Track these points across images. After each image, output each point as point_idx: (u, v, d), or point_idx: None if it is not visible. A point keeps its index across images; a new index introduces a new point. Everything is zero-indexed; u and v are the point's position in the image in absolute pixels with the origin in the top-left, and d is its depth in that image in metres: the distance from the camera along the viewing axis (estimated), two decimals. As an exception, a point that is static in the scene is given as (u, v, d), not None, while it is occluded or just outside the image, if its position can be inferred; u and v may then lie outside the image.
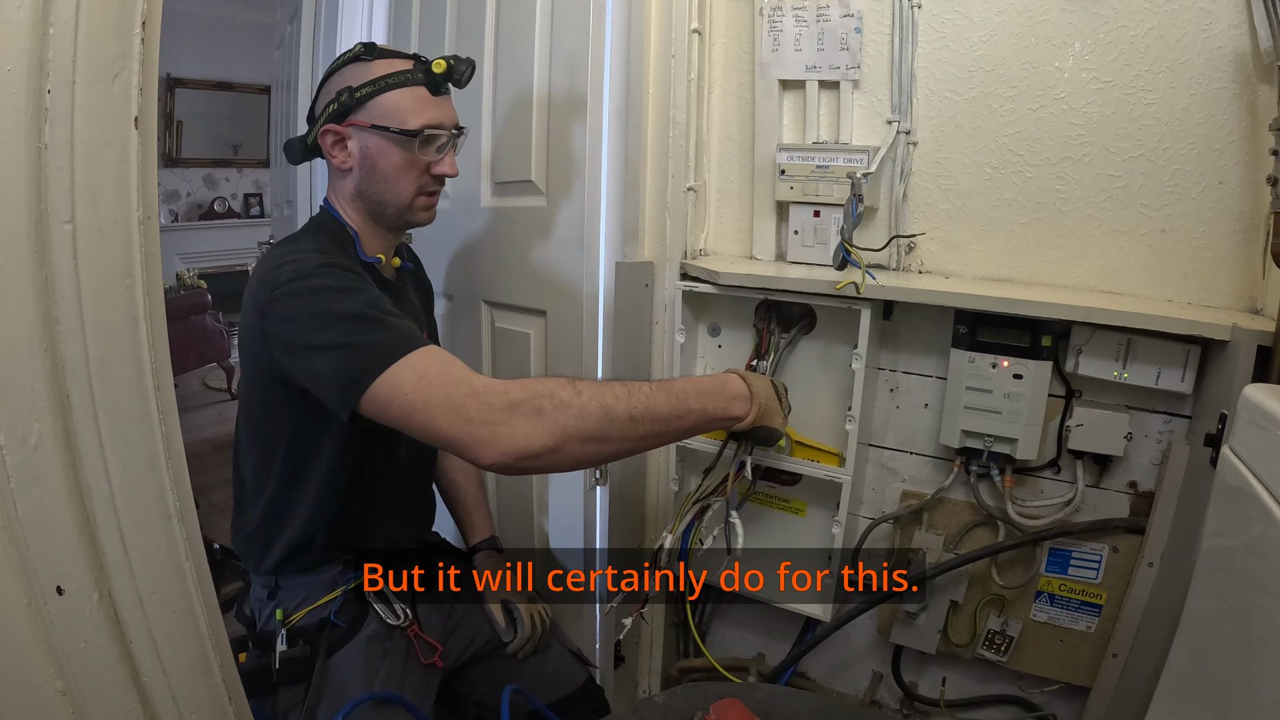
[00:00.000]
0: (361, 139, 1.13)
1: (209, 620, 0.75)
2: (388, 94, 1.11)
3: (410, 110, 1.12)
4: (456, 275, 1.79)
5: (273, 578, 1.18)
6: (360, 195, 1.17)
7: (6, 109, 0.54)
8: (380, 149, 1.13)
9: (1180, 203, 1.22)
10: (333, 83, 1.15)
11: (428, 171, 1.17)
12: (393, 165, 1.14)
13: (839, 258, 1.21)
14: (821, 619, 1.45)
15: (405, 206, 1.18)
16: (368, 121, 1.12)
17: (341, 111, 1.12)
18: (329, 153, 1.15)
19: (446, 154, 1.19)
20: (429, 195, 1.21)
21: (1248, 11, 1.13)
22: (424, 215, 1.22)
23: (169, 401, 0.69)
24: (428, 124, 1.13)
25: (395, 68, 1.13)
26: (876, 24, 1.36)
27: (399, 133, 1.12)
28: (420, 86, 1.13)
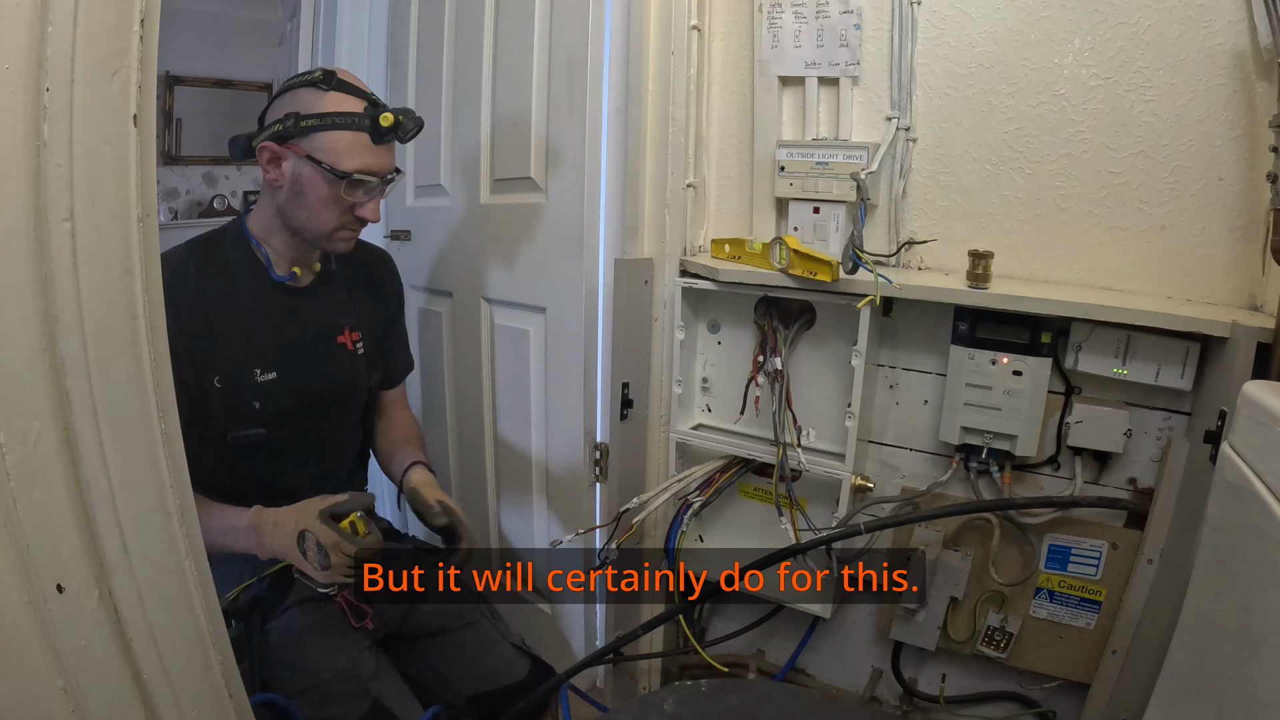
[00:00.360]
0: (296, 164, 1.16)
1: (209, 618, 0.76)
2: (331, 132, 1.14)
3: (347, 152, 1.15)
4: (456, 272, 1.79)
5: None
6: (283, 213, 1.21)
7: (5, 107, 0.54)
8: (310, 179, 1.16)
9: (1180, 199, 1.22)
10: (284, 101, 1.17)
11: (351, 211, 1.20)
12: (318, 198, 1.17)
13: (850, 262, 1.20)
14: (822, 616, 1.45)
15: (324, 235, 1.22)
16: (305, 150, 1.15)
17: (284, 134, 1.15)
18: (263, 166, 1.19)
19: (373, 199, 1.21)
20: (350, 230, 1.24)
21: (1247, 8, 1.12)
22: (342, 245, 1.26)
23: (168, 399, 0.69)
24: (360, 169, 1.16)
25: (346, 106, 1.15)
26: (876, 20, 1.35)
27: (330, 171, 1.14)
28: (364, 132, 1.15)
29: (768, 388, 1.43)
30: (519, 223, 1.60)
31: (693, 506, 1.50)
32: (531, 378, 1.65)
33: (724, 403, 1.56)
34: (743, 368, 1.49)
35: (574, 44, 1.41)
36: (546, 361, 1.61)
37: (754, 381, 1.45)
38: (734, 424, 1.53)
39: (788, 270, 1.31)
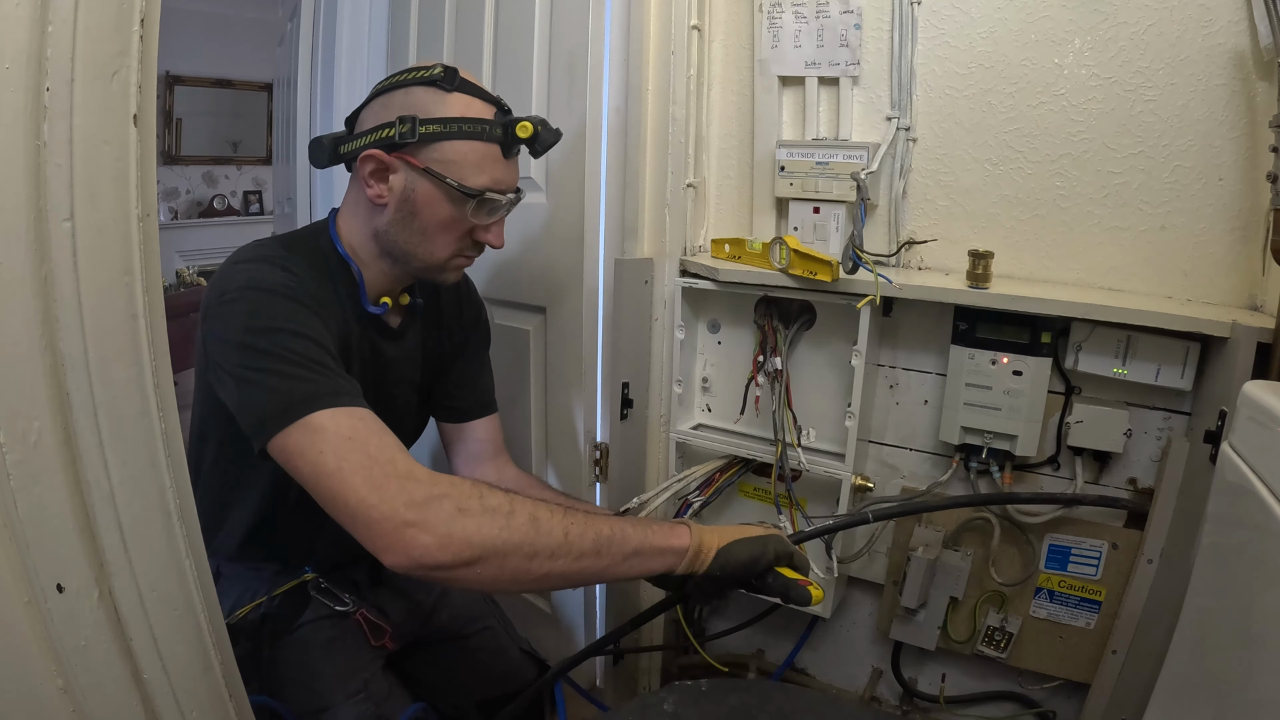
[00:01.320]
0: (409, 178, 0.99)
1: (209, 618, 0.76)
2: (457, 142, 0.98)
3: (475, 166, 0.99)
4: (456, 272, 1.79)
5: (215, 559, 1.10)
6: (385, 237, 1.04)
7: (5, 106, 0.54)
8: (428, 198, 1.00)
9: (1180, 199, 1.22)
10: (394, 100, 1.00)
11: (470, 235, 1.06)
12: (436, 219, 1.01)
13: (850, 262, 1.20)
14: (822, 615, 1.45)
15: (436, 265, 1.07)
16: (423, 163, 0.98)
17: (396, 141, 0.97)
18: (364, 180, 1.01)
19: (497, 221, 1.07)
20: (465, 258, 1.09)
21: (1247, 8, 1.12)
22: (452, 276, 1.11)
23: (168, 399, 0.69)
24: (491, 186, 1.01)
25: (474, 111, 1.00)
26: (876, 20, 1.35)
27: (457, 188, 0.99)
28: (494, 144, 1.00)
29: (768, 388, 1.43)
30: (519, 222, 1.60)
31: (693, 506, 1.50)
32: (531, 378, 1.65)
33: (724, 403, 1.56)
34: (743, 368, 1.49)
35: (574, 44, 1.41)
36: (546, 361, 1.61)
37: (754, 381, 1.45)
38: (734, 424, 1.53)
39: (788, 270, 1.31)
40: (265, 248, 1.01)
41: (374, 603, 1.23)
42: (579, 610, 1.61)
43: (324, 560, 1.20)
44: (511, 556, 0.81)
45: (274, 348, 0.87)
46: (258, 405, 0.85)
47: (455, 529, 0.79)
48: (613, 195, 1.43)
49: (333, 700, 1.10)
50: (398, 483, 0.79)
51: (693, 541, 0.93)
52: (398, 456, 0.82)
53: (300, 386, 0.85)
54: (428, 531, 0.78)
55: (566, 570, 0.85)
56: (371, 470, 0.80)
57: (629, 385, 1.48)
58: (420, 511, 0.78)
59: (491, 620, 1.38)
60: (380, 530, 0.78)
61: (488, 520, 0.81)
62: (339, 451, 0.81)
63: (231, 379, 0.88)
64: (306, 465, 0.82)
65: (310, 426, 0.82)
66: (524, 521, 0.83)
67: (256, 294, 0.91)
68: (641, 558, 0.90)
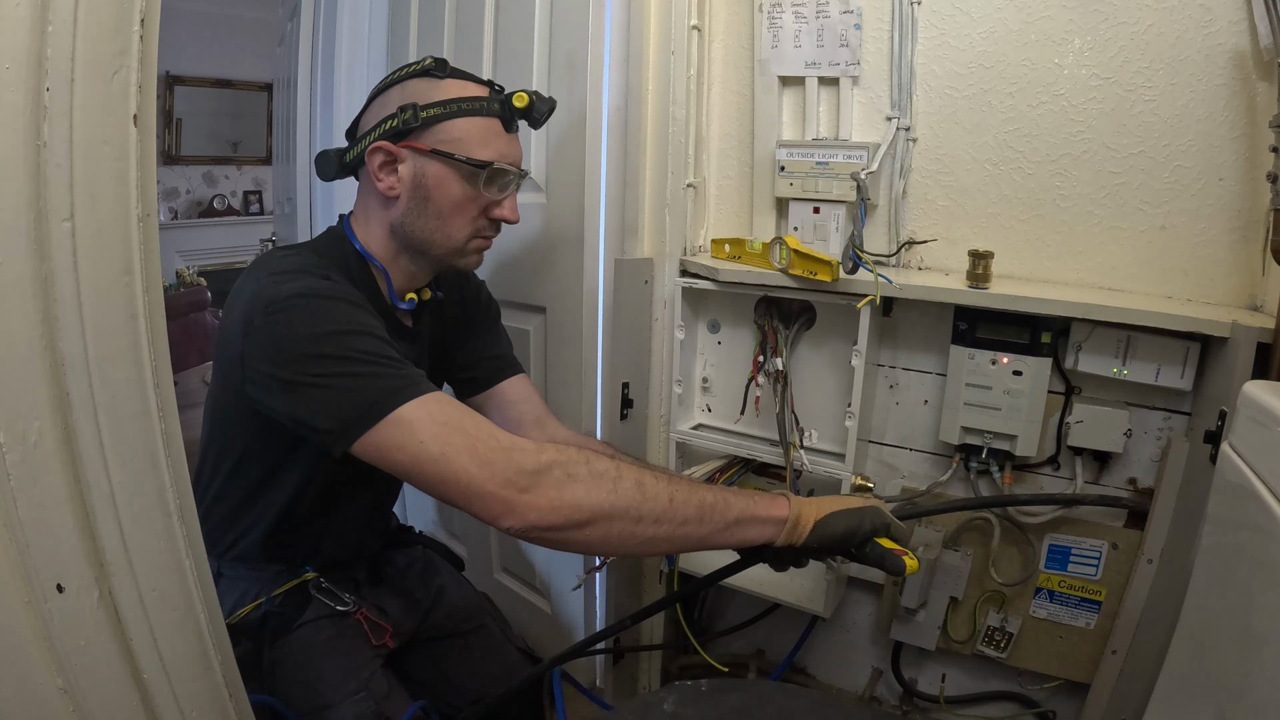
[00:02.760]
0: (418, 164, 1.01)
1: (209, 617, 0.75)
2: (459, 120, 1.00)
3: (480, 141, 1.01)
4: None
5: (216, 561, 1.12)
6: (402, 229, 1.05)
7: (5, 107, 0.54)
8: (439, 179, 1.02)
9: (1180, 199, 1.22)
10: (391, 96, 1.03)
11: (485, 213, 1.07)
12: (450, 200, 1.03)
13: (850, 262, 1.20)
14: (822, 615, 1.46)
15: (456, 249, 1.07)
16: (429, 145, 1.00)
17: (400, 130, 0.99)
18: (374, 174, 1.03)
19: (509, 195, 1.08)
20: (483, 239, 1.10)
21: (1247, 8, 1.12)
22: (474, 259, 1.11)
23: (169, 399, 0.69)
24: (498, 158, 1.03)
25: (469, 91, 1.02)
26: (876, 20, 1.35)
27: (466, 162, 1.00)
28: (495, 118, 1.03)
29: (768, 388, 1.43)
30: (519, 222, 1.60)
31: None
32: (531, 378, 1.65)
33: (724, 403, 1.56)
34: (743, 368, 1.49)
35: (574, 44, 1.40)
36: (546, 361, 1.61)
37: (754, 381, 1.45)
38: (734, 424, 1.53)
39: (788, 270, 1.31)
40: (301, 258, 1.00)
41: (373, 601, 1.23)
42: (579, 610, 1.61)
43: (326, 559, 1.20)
44: (619, 520, 0.84)
45: (344, 351, 0.87)
46: (336, 409, 0.85)
47: (565, 494, 0.82)
48: (613, 195, 1.43)
49: (333, 699, 1.10)
50: (504, 455, 0.82)
51: (791, 512, 0.94)
52: (497, 432, 0.85)
53: (379, 384, 0.85)
54: (541, 495, 0.82)
55: (670, 535, 0.88)
56: (476, 447, 0.82)
57: (629, 385, 1.48)
58: (532, 479, 0.82)
59: (487, 619, 1.38)
60: (496, 499, 0.81)
61: (595, 485, 0.84)
62: (439, 436, 0.83)
63: (292, 388, 0.87)
64: (406, 456, 0.83)
65: (401, 420, 0.84)
66: (630, 486, 0.85)
67: (314, 300, 0.90)
68: (743, 526, 0.91)
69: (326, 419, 0.86)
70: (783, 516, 0.93)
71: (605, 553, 0.89)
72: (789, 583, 1.52)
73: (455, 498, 0.83)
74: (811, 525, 0.94)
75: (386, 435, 0.84)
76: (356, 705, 1.11)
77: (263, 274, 0.95)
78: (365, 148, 1.02)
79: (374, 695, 1.13)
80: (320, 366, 0.86)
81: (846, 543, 0.96)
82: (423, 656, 1.33)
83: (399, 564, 1.33)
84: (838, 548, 0.97)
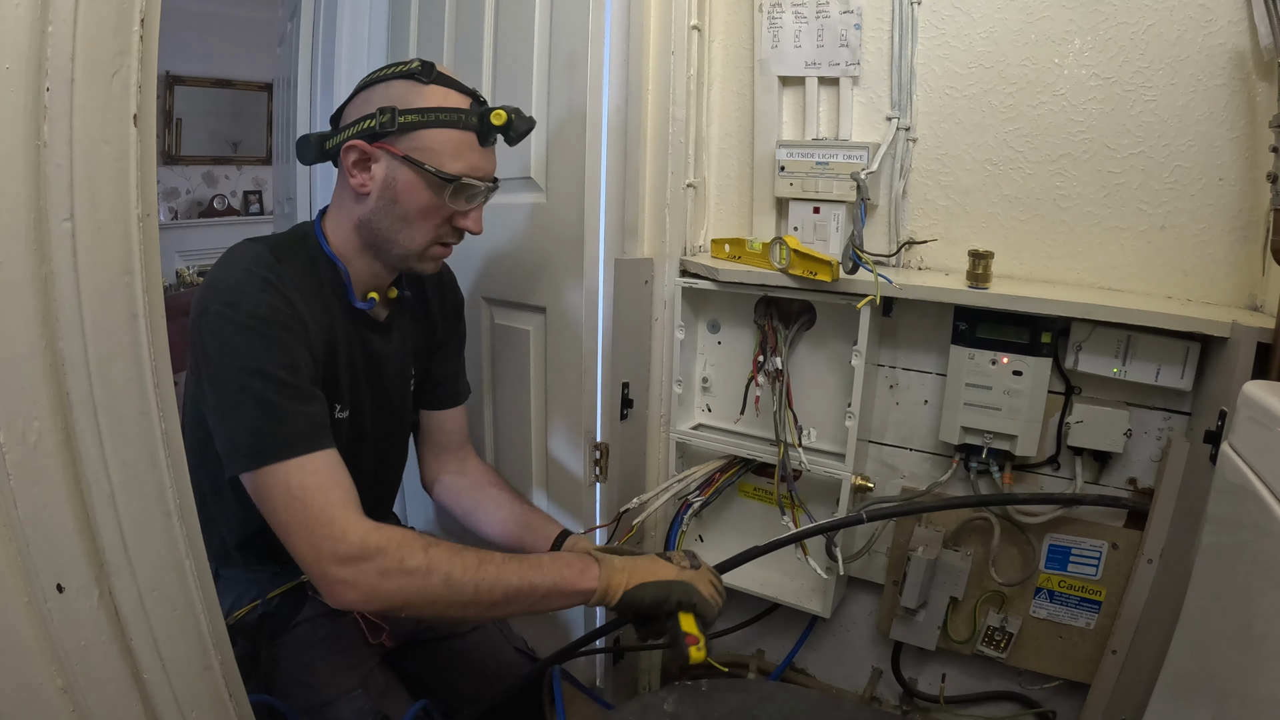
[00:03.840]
0: (390, 167, 1.03)
1: (209, 617, 0.76)
2: (434, 130, 1.02)
3: (452, 154, 1.03)
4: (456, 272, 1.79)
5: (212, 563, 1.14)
6: (368, 226, 1.08)
7: (5, 106, 0.54)
8: (408, 185, 1.03)
9: (1180, 199, 1.22)
10: (374, 94, 1.04)
11: (450, 222, 1.09)
12: (416, 206, 1.05)
13: (850, 262, 1.20)
14: (822, 615, 1.46)
15: (415, 253, 1.10)
16: (402, 151, 1.02)
17: (377, 131, 1.02)
18: (347, 170, 1.05)
19: (476, 207, 1.10)
20: (443, 246, 1.12)
21: (1247, 8, 1.12)
22: (431, 265, 1.14)
23: (169, 399, 0.69)
24: (468, 172, 1.04)
25: (450, 101, 1.03)
26: (876, 20, 1.35)
27: (435, 174, 1.02)
28: (470, 132, 1.04)
29: (768, 387, 1.43)
30: (519, 223, 1.60)
31: (693, 506, 1.50)
32: (531, 378, 1.65)
33: (724, 403, 1.56)
34: (743, 368, 1.49)
35: (574, 44, 1.40)
36: (546, 361, 1.61)
37: (754, 381, 1.45)
38: (734, 424, 1.53)
39: (788, 270, 1.31)
40: (254, 256, 1.02)
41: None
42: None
43: None
44: (430, 607, 0.95)
45: (237, 387, 0.94)
46: (224, 438, 0.95)
47: (379, 588, 0.91)
48: (613, 195, 1.43)
49: (331, 697, 1.11)
50: (331, 544, 0.90)
51: (600, 583, 1.01)
52: (336, 515, 0.92)
53: (261, 434, 0.93)
54: (354, 588, 0.90)
55: (481, 615, 1.03)
56: (311, 531, 0.91)
57: (629, 385, 1.48)
58: (348, 570, 0.90)
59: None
60: (317, 580, 0.91)
61: (406, 581, 0.92)
62: (289, 509, 0.91)
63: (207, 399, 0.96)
64: (265, 508, 0.93)
65: (267, 478, 0.92)
66: (438, 582, 0.93)
67: (229, 324, 0.95)
68: (552, 599, 0.99)
69: (220, 441, 0.95)
70: (589, 589, 1.00)
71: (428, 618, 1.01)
72: (789, 583, 1.52)
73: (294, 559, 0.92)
74: (620, 594, 1.01)
75: (255, 483, 0.93)
76: (354, 703, 1.12)
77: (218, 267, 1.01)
78: (343, 142, 1.04)
79: (371, 693, 1.14)
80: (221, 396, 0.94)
81: (655, 611, 1.03)
82: (421, 657, 1.33)
83: None
84: (647, 616, 1.04)
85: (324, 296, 1.08)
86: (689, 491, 1.51)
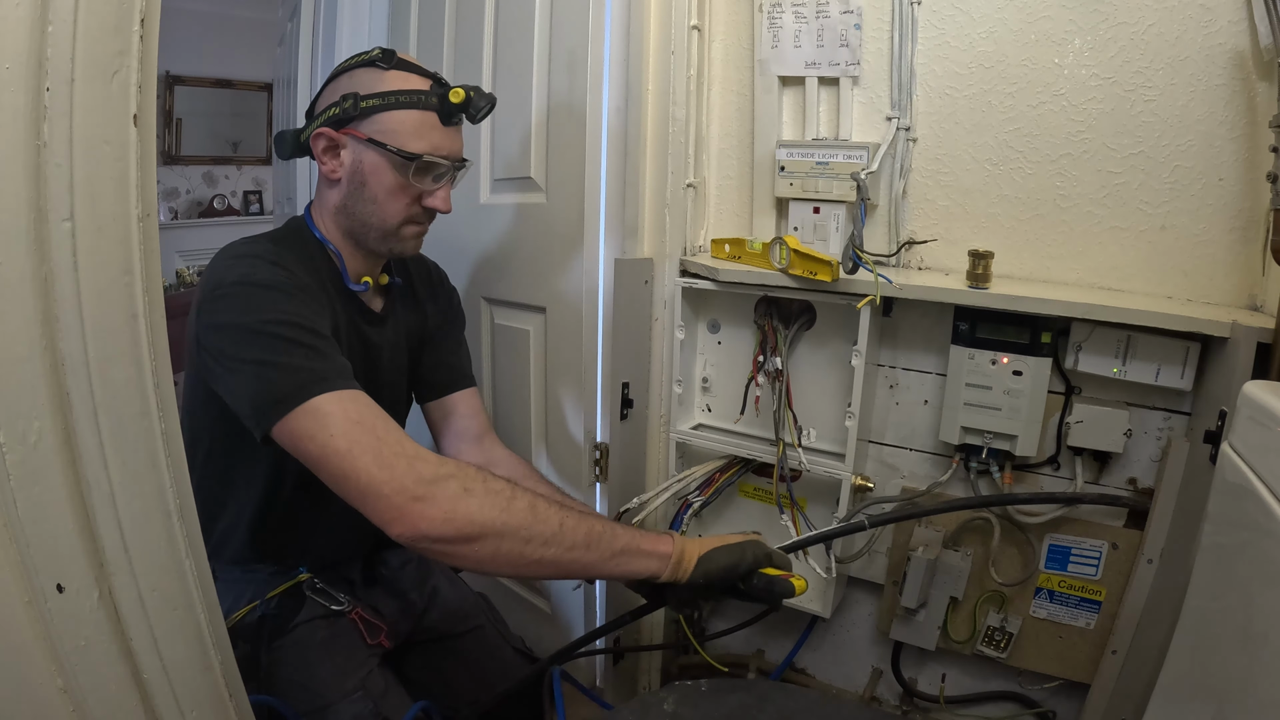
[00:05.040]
0: (356, 151, 1.06)
1: (209, 617, 0.76)
2: (395, 112, 1.04)
3: (414, 133, 1.05)
4: (456, 272, 1.79)
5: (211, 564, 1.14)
6: (344, 211, 1.11)
7: (5, 107, 0.54)
8: (374, 167, 1.06)
9: (1180, 199, 1.22)
10: (340, 84, 1.08)
11: (419, 201, 1.11)
12: (383, 187, 1.07)
13: (850, 262, 1.20)
14: (822, 615, 1.45)
15: (390, 232, 1.12)
16: (366, 134, 1.05)
17: (342, 118, 1.05)
18: (319, 157, 1.09)
19: (443, 186, 1.12)
20: (416, 225, 1.14)
21: (1247, 8, 1.12)
22: (410, 244, 1.15)
23: (169, 399, 0.69)
24: (430, 151, 1.06)
25: (411, 84, 1.06)
26: (876, 20, 1.35)
27: (397, 153, 1.05)
28: (431, 111, 1.06)
29: (768, 387, 1.43)
30: (519, 222, 1.60)
31: (693, 506, 1.50)
32: (531, 378, 1.65)
33: (724, 403, 1.56)
34: (743, 368, 1.49)
35: (574, 44, 1.41)
36: (546, 361, 1.61)
37: (754, 381, 1.45)
38: (734, 424, 1.53)
39: (788, 270, 1.31)
40: (256, 244, 1.06)
41: (368, 602, 1.23)
42: (579, 609, 1.61)
43: (318, 559, 1.20)
44: (508, 538, 0.87)
45: (270, 337, 0.91)
46: (258, 393, 0.88)
47: (460, 506, 0.84)
48: (613, 195, 1.43)
49: (331, 699, 1.11)
50: (406, 462, 0.85)
51: (676, 548, 0.97)
52: (404, 438, 0.88)
53: (300, 373, 0.88)
54: (435, 506, 0.84)
55: (558, 558, 0.90)
56: (381, 450, 0.85)
57: (629, 385, 1.48)
58: (429, 488, 0.84)
59: (483, 620, 1.38)
60: (391, 504, 0.83)
61: (490, 501, 0.86)
62: (349, 434, 0.85)
63: (228, 370, 0.92)
64: (315, 447, 0.86)
65: (316, 410, 0.86)
66: (524, 507, 0.88)
67: (249, 288, 0.95)
68: (628, 556, 0.94)
69: (249, 402, 0.89)
70: (666, 552, 0.97)
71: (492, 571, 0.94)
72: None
73: (354, 496, 0.85)
74: (695, 561, 0.97)
75: (300, 423, 0.86)
76: (354, 705, 1.11)
77: (217, 261, 1.01)
78: (311, 132, 1.07)
79: (371, 695, 1.13)
80: (247, 352, 0.90)
81: (731, 575, 0.99)
82: (420, 659, 1.33)
83: (393, 564, 1.33)
84: (724, 580, 0.99)
85: (323, 284, 1.10)
86: (689, 491, 1.51)
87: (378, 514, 0.84)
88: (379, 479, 0.83)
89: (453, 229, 1.78)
